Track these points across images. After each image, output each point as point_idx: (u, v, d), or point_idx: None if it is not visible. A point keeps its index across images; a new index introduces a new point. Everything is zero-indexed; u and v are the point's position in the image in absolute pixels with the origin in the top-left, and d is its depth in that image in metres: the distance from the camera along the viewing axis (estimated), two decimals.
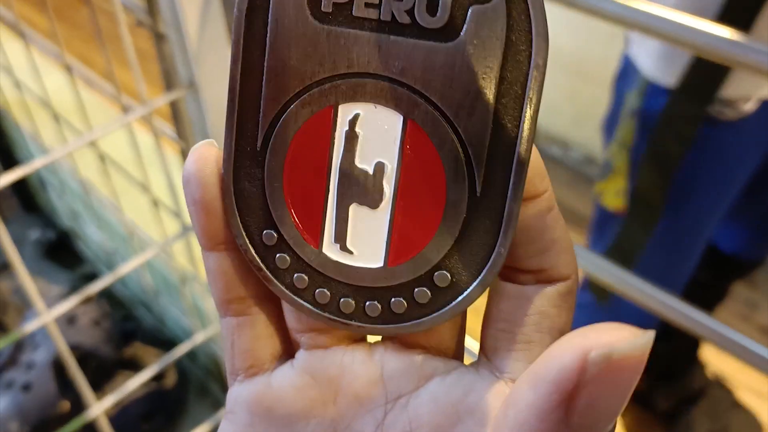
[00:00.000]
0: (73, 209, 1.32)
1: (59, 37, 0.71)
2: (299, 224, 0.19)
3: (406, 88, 0.17)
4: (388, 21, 0.16)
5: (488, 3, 0.16)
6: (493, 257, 0.17)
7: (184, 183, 0.19)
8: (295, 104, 0.18)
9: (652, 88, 0.76)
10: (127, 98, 0.69)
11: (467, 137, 0.17)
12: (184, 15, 0.51)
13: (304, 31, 0.17)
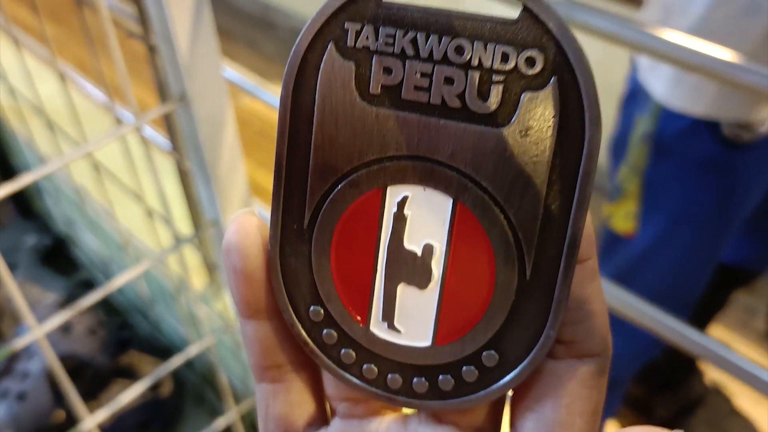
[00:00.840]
0: (69, 216, 1.32)
1: (51, 43, 0.71)
2: (346, 302, 0.19)
3: (455, 172, 0.17)
4: (438, 104, 0.17)
5: (541, 90, 0.16)
6: (542, 339, 0.17)
7: (225, 252, 0.19)
8: (343, 184, 0.18)
9: (666, 113, 0.76)
10: (121, 108, 0.68)
11: (518, 222, 0.17)
12: (174, 28, 0.51)
13: (353, 112, 0.17)
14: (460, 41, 0.16)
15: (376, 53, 0.17)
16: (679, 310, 0.92)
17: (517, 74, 0.16)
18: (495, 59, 0.16)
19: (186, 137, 0.63)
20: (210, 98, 0.56)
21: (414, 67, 0.17)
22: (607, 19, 0.42)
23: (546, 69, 0.16)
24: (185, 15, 0.50)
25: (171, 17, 0.50)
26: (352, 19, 0.17)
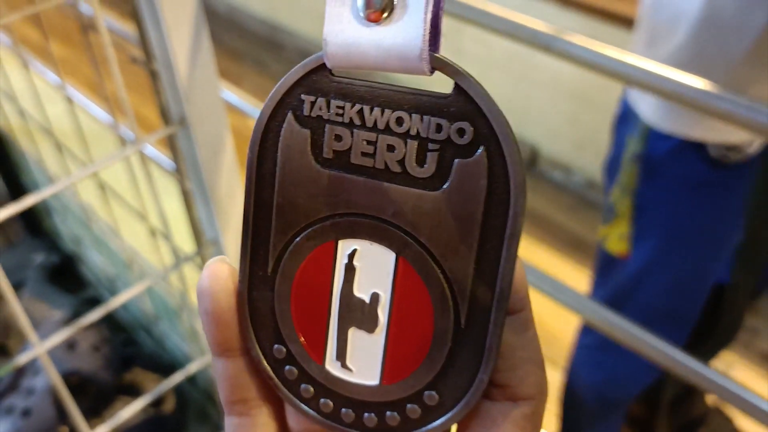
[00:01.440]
0: (76, 234, 1.34)
1: (59, 66, 0.73)
2: (305, 342, 0.21)
3: (398, 229, 0.19)
4: (382, 169, 0.18)
5: (471, 158, 0.18)
6: (476, 383, 0.19)
7: (198, 296, 0.21)
8: (300, 237, 0.20)
9: (654, 133, 0.77)
10: (125, 128, 0.70)
11: (453, 276, 0.18)
12: (174, 55, 0.53)
13: (309, 174, 0.19)
14: (400, 113, 0.18)
15: (328, 122, 0.19)
16: (677, 331, 0.92)
17: (450, 143, 0.18)
18: (430, 130, 0.18)
19: (187, 158, 0.64)
20: (209, 121, 0.57)
21: (360, 135, 0.18)
22: (586, 50, 0.43)
23: (475, 139, 0.18)
24: (184, 41, 0.52)
25: (171, 44, 0.52)
26: (307, 92, 0.19)
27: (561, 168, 1.73)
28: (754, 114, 0.40)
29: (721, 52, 0.70)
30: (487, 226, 0.18)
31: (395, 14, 0.17)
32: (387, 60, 0.18)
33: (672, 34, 0.73)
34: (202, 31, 0.53)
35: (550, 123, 1.70)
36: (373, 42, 0.17)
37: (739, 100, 0.38)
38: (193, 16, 0.51)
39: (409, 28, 0.17)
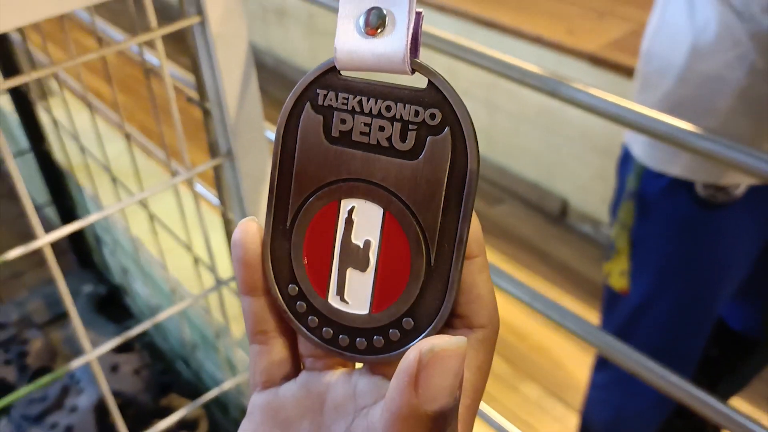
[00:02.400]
0: (124, 266, 1.42)
1: (121, 109, 0.81)
2: (313, 281, 0.26)
3: (385, 190, 0.25)
4: (375, 144, 0.24)
5: (439, 135, 0.24)
6: (441, 310, 0.25)
7: (232, 246, 0.27)
8: (312, 198, 0.26)
9: (647, 172, 0.82)
10: (176, 164, 0.78)
11: (425, 225, 0.24)
12: (225, 96, 0.60)
13: (320, 149, 0.25)
14: (388, 102, 0.24)
15: (336, 110, 0.25)
16: (679, 368, 0.95)
17: (424, 125, 0.24)
18: (410, 115, 0.24)
19: (231, 190, 0.71)
20: (252, 155, 0.64)
21: (359, 119, 0.25)
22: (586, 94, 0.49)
23: (442, 122, 0.24)
24: (234, 85, 0.60)
25: (223, 86, 0.59)
26: (321, 87, 0.25)
27: (590, 221, 1.78)
28: (733, 153, 0.45)
29: (704, 102, 0.75)
30: (450, 187, 0.24)
31: (386, 30, 0.23)
32: (380, 64, 0.24)
33: (661, 83, 0.79)
34: (250, 76, 0.60)
35: (579, 177, 1.75)
36: (369, 50, 0.24)
37: (716, 139, 0.43)
38: (244, 63, 0.59)
39: (395, 40, 0.23)
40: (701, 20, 0.75)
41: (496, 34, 1.72)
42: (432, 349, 0.21)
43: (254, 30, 2.63)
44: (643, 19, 1.61)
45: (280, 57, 2.59)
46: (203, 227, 0.75)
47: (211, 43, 0.57)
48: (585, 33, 1.59)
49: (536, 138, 1.79)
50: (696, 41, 0.75)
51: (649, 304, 0.89)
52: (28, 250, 0.58)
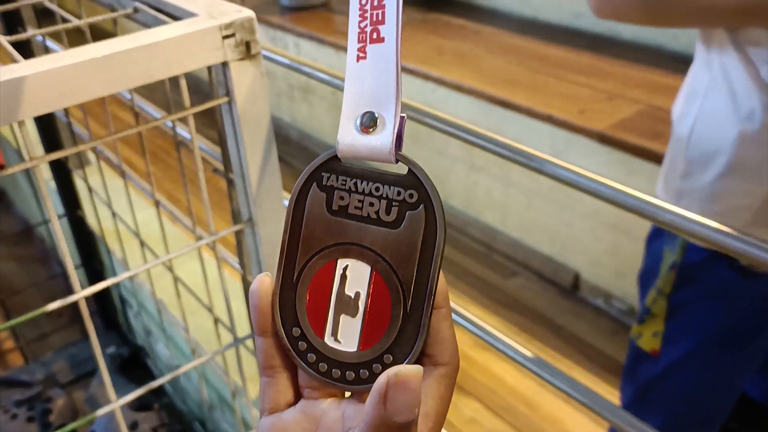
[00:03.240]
0: (147, 327, 1.47)
1: (152, 178, 0.88)
2: (312, 324, 0.32)
3: (373, 252, 0.31)
4: (366, 216, 0.31)
5: (416, 210, 0.30)
6: (414, 348, 0.30)
7: (249, 295, 0.33)
8: (315, 257, 0.32)
9: (691, 246, 0.87)
10: (200, 230, 0.84)
11: (403, 280, 0.30)
12: (248, 168, 0.66)
13: (323, 219, 0.31)
14: (377, 184, 0.31)
15: (336, 189, 0.31)
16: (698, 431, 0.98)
17: (405, 202, 0.30)
18: (394, 194, 0.30)
19: (251, 255, 0.77)
20: (271, 222, 0.70)
21: (354, 197, 0.31)
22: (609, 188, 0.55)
23: (418, 200, 0.30)
24: (257, 158, 0.66)
25: (246, 159, 0.65)
26: (325, 171, 0.32)
27: (602, 295, 1.81)
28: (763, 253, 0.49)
29: (748, 190, 0.80)
30: (424, 250, 0.30)
31: (377, 129, 0.29)
32: (372, 155, 0.30)
33: (707, 169, 0.83)
34: (271, 150, 0.66)
35: (591, 251, 1.79)
36: (364, 144, 0.30)
37: (746, 239, 0.48)
38: (265, 139, 0.65)
39: (384, 138, 0.29)
40: (745, 109, 0.78)
41: (511, 112, 1.80)
42: (397, 374, 0.26)
43: (281, 105, 2.75)
44: (651, 102, 1.68)
45: (305, 131, 2.69)
46: (224, 290, 0.80)
47: (237, 121, 0.63)
48: (595, 113, 1.66)
49: (549, 213, 1.84)
50: (742, 130, 0.79)
51: (680, 365, 0.92)
52: (65, 303, 0.63)
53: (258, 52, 0.62)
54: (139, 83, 0.57)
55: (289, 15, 2.62)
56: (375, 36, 0.29)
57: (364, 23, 0.29)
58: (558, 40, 2.14)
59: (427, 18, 2.43)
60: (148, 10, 0.67)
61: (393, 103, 0.29)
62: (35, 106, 0.52)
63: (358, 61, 0.29)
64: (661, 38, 2.00)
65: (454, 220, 2.16)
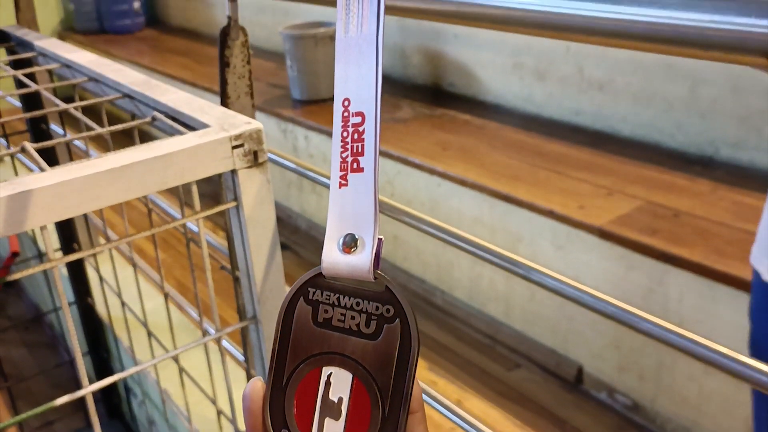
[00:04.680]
0: (150, 417, 1.47)
1: (161, 267, 0.91)
2: (299, 426, 0.34)
3: (354, 361, 0.33)
4: (348, 328, 0.34)
5: (392, 324, 0.33)
6: None
7: (243, 398, 0.36)
8: (302, 364, 0.34)
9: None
10: (207, 322, 0.87)
11: (381, 386, 0.33)
12: (253, 268, 0.70)
13: (309, 330, 0.34)
14: (358, 299, 0.34)
15: (321, 303, 0.34)
16: None
17: (382, 316, 0.33)
18: (373, 309, 0.33)
19: (255, 350, 0.80)
20: (275, 320, 0.73)
21: (337, 310, 0.34)
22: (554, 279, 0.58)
23: (394, 314, 0.33)
24: (262, 259, 0.70)
25: (252, 260, 0.69)
26: (311, 286, 0.35)
27: (605, 389, 1.80)
28: None
29: None
30: (400, 360, 0.32)
31: (357, 250, 0.33)
32: (353, 273, 0.33)
33: None
34: (275, 251, 0.70)
35: (594, 345, 1.80)
36: (345, 263, 0.33)
37: None
38: (270, 241, 0.69)
39: (364, 258, 0.33)
40: None
41: (514, 207, 1.84)
42: None
43: (290, 196, 2.81)
44: (649, 198, 1.73)
45: (313, 221, 2.74)
46: (227, 382, 0.82)
47: (244, 224, 0.67)
48: (595, 209, 1.71)
49: (552, 305, 1.86)
50: None
51: None
52: (73, 398, 0.66)
53: (265, 160, 0.67)
54: (153, 190, 0.61)
55: (300, 108, 2.72)
56: (355, 166, 0.32)
57: (346, 154, 0.33)
58: (559, 136, 2.21)
59: (434, 113, 2.52)
60: (165, 120, 0.72)
61: (372, 227, 0.33)
62: (58, 213, 0.57)
63: (340, 188, 0.33)
64: (659, 136, 2.06)
65: (458, 311, 2.17)
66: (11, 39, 1.21)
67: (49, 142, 0.70)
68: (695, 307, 1.54)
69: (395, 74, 2.94)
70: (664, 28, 0.43)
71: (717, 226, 1.59)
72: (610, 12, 0.45)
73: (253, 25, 3.49)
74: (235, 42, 0.89)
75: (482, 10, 0.53)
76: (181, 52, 3.89)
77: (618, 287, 1.68)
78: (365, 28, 0.32)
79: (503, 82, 2.51)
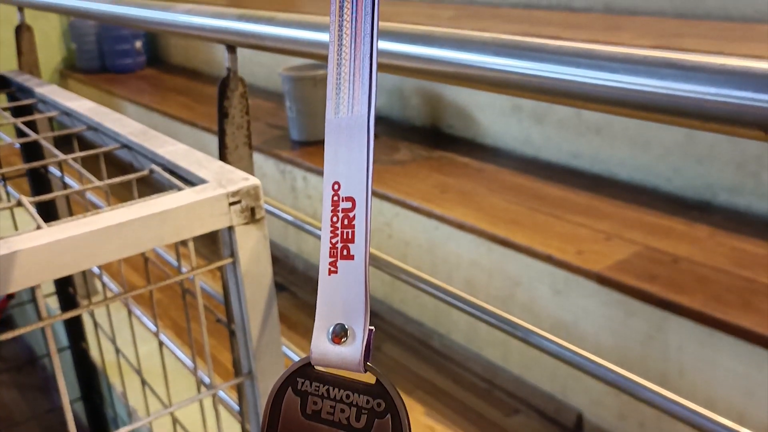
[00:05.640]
0: None
1: (158, 320, 0.90)
2: None
3: None
4: (337, 422, 0.33)
5: (383, 418, 0.32)
6: None
7: None
8: None
9: None
10: (202, 372, 0.86)
11: None
12: (249, 323, 0.69)
13: (297, 422, 0.33)
14: (348, 392, 0.32)
15: (310, 394, 0.33)
16: None
17: (373, 410, 0.32)
18: (363, 402, 0.32)
19: (250, 404, 0.79)
20: (271, 376, 0.72)
21: (327, 402, 0.33)
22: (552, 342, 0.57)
23: (385, 409, 0.32)
24: (258, 315, 0.69)
25: (248, 315, 0.69)
26: (300, 376, 0.33)
27: None
28: None
29: None
30: None
31: (348, 340, 0.32)
32: (342, 364, 0.32)
33: None
34: (272, 307, 0.70)
35: (593, 391, 1.78)
36: (335, 354, 0.32)
37: None
38: (267, 297, 0.69)
39: (354, 349, 0.32)
40: None
41: (512, 251, 1.84)
42: None
43: (288, 236, 2.81)
44: (647, 243, 1.73)
45: (310, 261, 2.74)
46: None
47: (240, 280, 0.67)
48: (593, 254, 1.70)
49: None
50: None
51: None
52: None
53: (262, 216, 0.67)
54: (150, 247, 0.61)
55: (298, 149, 2.73)
56: (345, 253, 0.31)
57: (335, 240, 0.31)
58: (557, 180, 2.21)
59: (432, 155, 2.53)
60: (163, 173, 0.72)
61: (362, 317, 0.31)
62: (52, 271, 0.56)
63: (329, 275, 0.32)
64: (656, 180, 2.07)
65: (455, 355, 2.16)
66: (12, 85, 1.22)
67: (46, 196, 0.70)
68: (696, 355, 1.52)
69: (394, 116, 2.96)
70: (661, 98, 0.43)
71: (716, 273, 1.58)
72: (607, 80, 0.46)
73: (253, 65, 3.53)
74: (234, 93, 0.89)
75: (481, 73, 0.53)
76: (181, 91, 3.92)
77: (617, 334, 1.67)
78: (356, 110, 0.31)
79: (502, 124, 2.53)
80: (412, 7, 3.10)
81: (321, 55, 0.70)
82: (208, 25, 0.86)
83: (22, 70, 1.56)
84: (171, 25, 0.94)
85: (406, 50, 0.59)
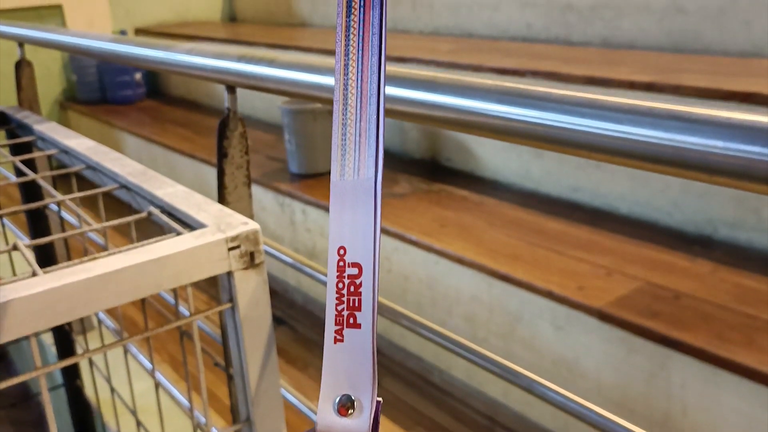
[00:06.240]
0: None
1: (154, 361, 0.89)
2: None
3: None
4: None
5: None
6: None
7: None
8: None
9: None
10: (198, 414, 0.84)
11: None
12: (247, 368, 0.68)
13: None
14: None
15: None
16: None
17: None
18: None
19: None
20: (269, 422, 0.71)
21: None
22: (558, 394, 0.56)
23: None
24: (257, 360, 0.68)
25: (246, 360, 0.67)
26: None
27: None
28: None
29: None
30: None
31: (355, 413, 0.31)
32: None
33: None
34: (270, 352, 0.68)
35: (595, 429, 1.76)
36: (342, 427, 0.31)
37: None
38: (266, 342, 0.67)
39: (362, 422, 0.31)
40: None
41: (512, 287, 1.83)
42: None
43: (286, 270, 2.80)
44: (648, 279, 1.72)
45: (309, 295, 2.72)
46: None
47: (239, 325, 0.66)
48: (594, 290, 1.69)
49: None
50: None
51: None
52: None
53: (261, 261, 0.66)
54: (147, 294, 0.60)
55: (297, 182, 2.73)
56: (351, 321, 0.30)
57: (341, 307, 0.30)
58: (557, 213, 2.21)
59: (431, 188, 2.52)
60: (161, 216, 0.71)
61: (370, 389, 0.30)
62: (48, 320, 0.55)
63: (335, 343, 0.30)
64: (657, 214, 2.06)
65: (456, 391, 2.13)
66: (11, 121, 1.21)
67: (42, 240, 0.69)
68: (699, 393, 1.51)
69: (393, 148, 2.96)
70: (666, 150, 0.42)
71: (718, 310, 1.57)
72: (612, 131, 0.45)
73: (253, 97, 3.54)
74: (233, 133, 0.89)
75: (484, 120, 0.53)
76: (181, 123, 3.93)
77: (619, 371, 1.65)
78: (362, 173, 0.30)
79: (501, 157, 2.53)
80: (411, 40, 3.12)
81: (322, 98, 0.69)
82: (208, 66, 0.86)
83: (22, 106, 1.56)
84: (172, 65, 0.94)
85: (408, 95, 0.59)
